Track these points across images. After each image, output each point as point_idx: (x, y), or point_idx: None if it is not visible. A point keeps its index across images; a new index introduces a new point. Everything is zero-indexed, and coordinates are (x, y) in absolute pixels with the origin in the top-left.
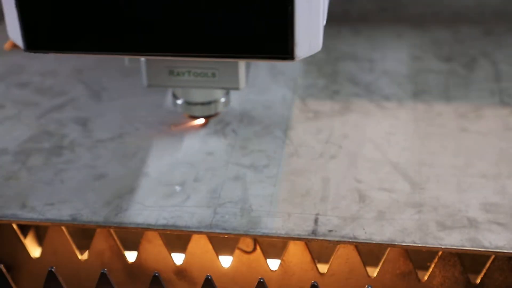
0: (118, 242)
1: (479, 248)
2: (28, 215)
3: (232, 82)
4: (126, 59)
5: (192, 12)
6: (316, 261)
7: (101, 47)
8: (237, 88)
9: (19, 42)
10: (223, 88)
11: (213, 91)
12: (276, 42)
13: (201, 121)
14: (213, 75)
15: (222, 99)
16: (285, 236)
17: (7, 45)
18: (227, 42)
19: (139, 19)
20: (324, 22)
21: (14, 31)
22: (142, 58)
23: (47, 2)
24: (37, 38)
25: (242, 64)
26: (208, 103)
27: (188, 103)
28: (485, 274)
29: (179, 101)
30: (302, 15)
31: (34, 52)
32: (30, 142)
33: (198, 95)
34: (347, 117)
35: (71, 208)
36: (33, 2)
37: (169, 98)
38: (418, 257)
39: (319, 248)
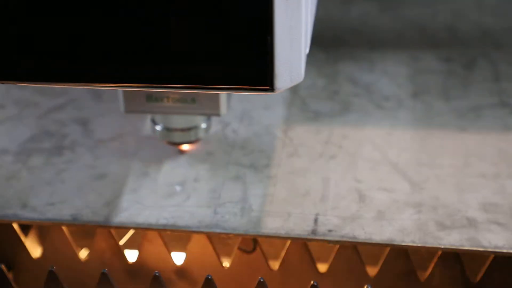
0: (118, 242)
1: (478, 248)
2: (28, 215)
3: (212, 108)
4: None
5: (167, 44)
6: (315, 261)
7: (56, 78)
8: (217, 115)
9: None
10: (203, 114)
11: (194, 117)
12: (255, 74)
13: (186, 147)
14: (193, 101)
15: (203, 125)
16: (285, 236)
17: None
18: (203, 74)
19: (107, 49)
20: (307, 51)
21: None
22: None
23: (8, 36)
24: None
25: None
26: (188, 129)
27: (167, 129)
28: (484, 273)
29: (158, 127)
30: (282, 45)
31: None
32: (30, 142)
33: (178, 121)
34: (347, 117)
35: (71, 208)
36: None
37: (147, 124)
38: (417, 257)
39: (319, 248)
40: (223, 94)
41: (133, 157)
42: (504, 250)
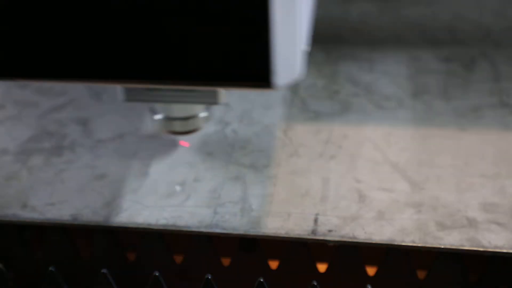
0: (118, 242)
1: (478, 248)
2: (28, 215)
3: (211, 96)
4: None
5: (165, 39)
6: (315, 261)
7: (56, 75)
8: (215, 103)
9: None
10: (201, 103)
11: (194, 106)
12: (253, 70)
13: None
14: (192, 89)
15: (203, 114)
16: (285, 236)
17: None
18: (201, 70)
19: (104, 46)
20: (307, 48)
21: None
22: None
23: (8, 33)
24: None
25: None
26: (187, 118)
27: (167, 119)
28: (484, 274)
29: (157, 117)
30: (281, 41)
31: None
32: (30, 142)
33: (178, 110)
34: (347, 117)
35: (71, 208)
36: None
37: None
38: (417, 257)
39: (319, 248)
40: None
41: (133, 157)
42: (504, 250)
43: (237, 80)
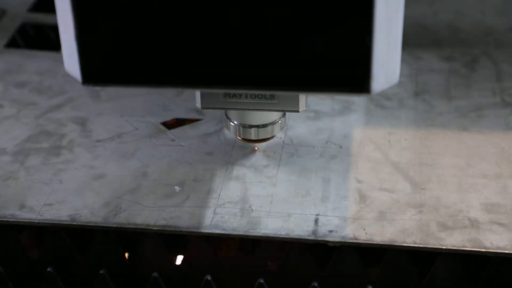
0: (117, 242)
1: (480, 248)
2: (26, 216)
3: (291, 104)
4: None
5: (260, 46)
6: (316, 262)
7: (160, 81)
8: (296, 111)
9: (77, 75)
10: (281, 110)
11: (269, 113)
12: (352, 75)
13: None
14: (272, 97)
15: (279, 122)
16: (285, 236)
17: None
18: (297, 76)
19: (198, 52)
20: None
21: (71, 64)
22: None
23: (106, 36)
24: (95, 71)
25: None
26: (264, 125)
27: (242, 126)
28: (486, 274)
29: (232, 124)
30: (380, 46)
31: (92, 86)
32: (28, 142)
33: (254, 118)
34: (347, 117)
35: (70, 208)
36: (93, 36)
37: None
38: (419, 257)
39: (320, 249)
40: None
41: (132, 157)
42: (506, 251)
43: (336, 86)
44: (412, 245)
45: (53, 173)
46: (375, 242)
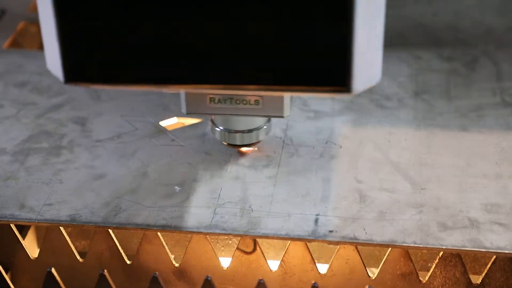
0: (117, 242)
1: (480, 248)
2: (26, 216)
3: (276, 110)
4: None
5: (244, 43)
6: (316, 261)
7: (143, 80)
8: (281, 116)
9: (59, 74)
10: (266, 116)
11: (255, 119)
12: (332, 74)
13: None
14: (256, 102)
15: (264, 127)
16: (285, 236)
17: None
18: (277, 74)
19: (186, 51)
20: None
21: (53, 63)
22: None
23: (89, 35)
24: (77, 71)
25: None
26: (249, 131)
27: (228, 131)
28: (486, 274)
29: (218, 129)
30: (361, 45)
31: (73, 85)
32: (28, 142)
33: (239, 123)
34: (347, 117)
35: (69, 208)
36: (76, 34)
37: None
38: (419, 257)
39: (320, 249)
40: (287, 96)
41: (132, 157)
42: (506, 251)
43: (316, 85)
44: (412, 245)
45: (53, 173)
46: (375, 242)
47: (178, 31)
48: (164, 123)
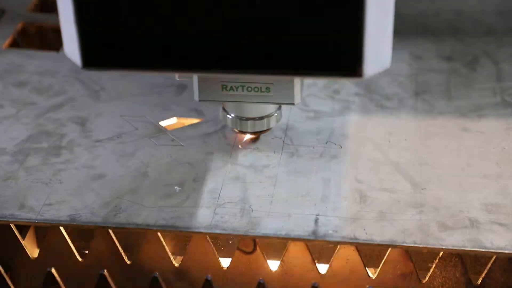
0: (117, 242)
1: (480, 248)
2: (26, 216)
3: (286, 97)
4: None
5: (256, 28)
6: (316, 261)
7: (161, 65)
8: (292, 103)
9: (77, 59)
10: (277, 103)
11: (266, 106)
12: (344, 58)
13: (250, 136)
14: (268, 89)
15: (275, 114)
16: (285, 236)
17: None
18: (290, 59)
19: (200, 36)
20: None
21: (71, 48)
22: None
23: (107, 19)
24: (95, 55)
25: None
26: (261, 118)
27: (239, 119)
28: (486, 274)
29: (229, 116)
30: (372, 30)
31: (91, 70)
32: (28, 142)
33: (251, 111)
34: (347, 117)
35: (69, 208)
36: (93, 18)
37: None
38: (419, 257)
39: (320, 249)
40: (297, 83)
41: (132, 157)
42: (507, 251)
43: (328, 69)
44: (412, 245)
45: (52, 173)
46: (375, 242)
47: (193, 14)
48: (164, 123)
